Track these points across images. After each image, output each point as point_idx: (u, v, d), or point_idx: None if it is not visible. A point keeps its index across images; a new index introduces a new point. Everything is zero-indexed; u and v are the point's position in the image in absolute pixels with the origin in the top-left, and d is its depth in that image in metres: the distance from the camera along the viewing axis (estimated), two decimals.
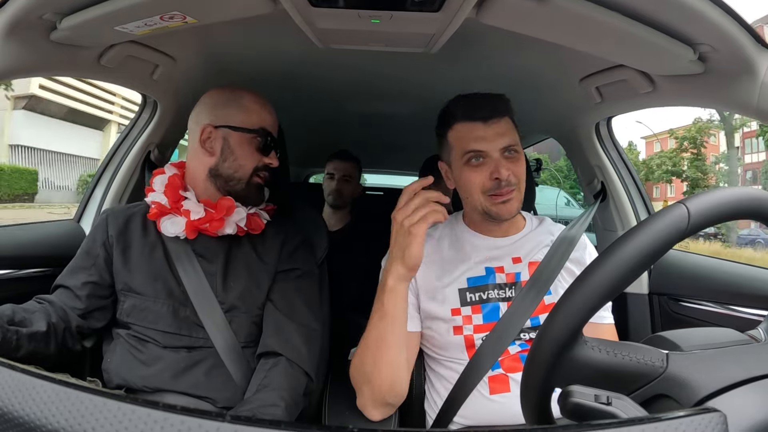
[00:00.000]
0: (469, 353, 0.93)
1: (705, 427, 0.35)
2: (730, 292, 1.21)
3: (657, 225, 0.45)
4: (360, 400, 0.90)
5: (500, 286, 0.96)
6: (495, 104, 0.95)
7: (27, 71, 0.92)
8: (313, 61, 1.23)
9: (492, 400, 0.90)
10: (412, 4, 0.79)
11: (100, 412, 0.35)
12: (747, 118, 17.18)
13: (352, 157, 2.16)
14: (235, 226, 1.01)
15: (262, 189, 1.05)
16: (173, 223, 0.99)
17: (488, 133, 0.93)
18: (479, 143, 0.93)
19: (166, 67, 1.18)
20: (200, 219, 0.98)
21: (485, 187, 0.93)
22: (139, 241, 1.02)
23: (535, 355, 0.47)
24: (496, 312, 0.95)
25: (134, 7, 0.79)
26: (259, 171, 1.03)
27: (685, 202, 0.45)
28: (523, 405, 0.50)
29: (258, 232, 1.05)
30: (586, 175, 1.55)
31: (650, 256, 0.44)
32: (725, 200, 0.46)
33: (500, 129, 0.94)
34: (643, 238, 0.44)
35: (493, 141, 0.93)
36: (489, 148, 0.92)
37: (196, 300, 0.97)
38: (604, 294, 0.45)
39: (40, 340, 0.87)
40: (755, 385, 0.41)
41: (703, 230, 0.46)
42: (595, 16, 0.74)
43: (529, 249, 1.00)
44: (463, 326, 0.94)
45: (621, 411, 0.43)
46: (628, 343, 0.48)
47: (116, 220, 1.04)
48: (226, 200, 1.00)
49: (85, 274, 1.00)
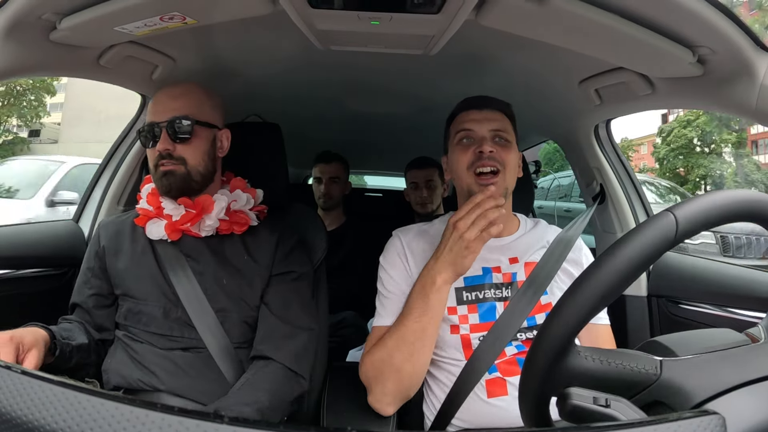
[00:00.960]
0: (466, 353, 0.94)
1: (704, 429, 0.35)
2: (729, 295, 1.21)
3: (644, 236, 0.44)
4: (376, 396, 0.91)
5: (497, 285, 0.97)
6: (494, 100, 1.02)
7: (26, 71, 0.92)
8: (312, 62, 1.23)
9: (490, 404, 0.90)
10: (411, 6, 0.79)
11: (98, 413, 0.35)
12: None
13: (336, 158, 2.14)
14: (216, 221, 1.01)
15: (169, 176, 0.99)
16: (157, 226, 1.01)
17: (479, 116, 0.99)
18: (469, 123, 0.99)
19: (165, 68, 1.18)
20: (180, 219, 1.00)
21: (469, 162, 0.97)
22: (130, 247, 1.04)
23: (530, 365, 0.47)
24: (493, 312, 0.95)
25: (134, 7, 0.79)
26: (162, 159, 0.98)
27: (672, 210, 0.45)
28: (522, 409, 0.50)
29: (244, 228, 1.05)
30: (585, 177, 1.55)
31: (639, 266, 0.44)
32: (713, 204, 0.45)
33: (491, 116, 1.00)
34: (629, 251, 0.44)
35: (481, 123, 0.98)
36: (477, 128, 0.98)
37: (187, 301, 0.97)
38: (595, 304, 0.45)
39: (84, 351, 0.96)
40: (754, 388, 0.41)
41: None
42: (595, 19, 0.74)
43: (524, 250, 1.01)
44: (459, 325, 0.95)
45: (619, 413, 0.43)
46: (622, 351, 0.48)
47: (107, 230, 1.07)
48: (204, 198, 1.01)
49: (87, 287, 1.04)
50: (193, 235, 1.02)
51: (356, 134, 2.22)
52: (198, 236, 1.02)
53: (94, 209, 1.41)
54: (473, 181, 0.96)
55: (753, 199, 0.46)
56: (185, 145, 0.99)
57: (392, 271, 1.00)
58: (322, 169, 2.11)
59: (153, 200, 1.03)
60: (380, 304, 1.00)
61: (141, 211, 1.04)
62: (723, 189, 0.48)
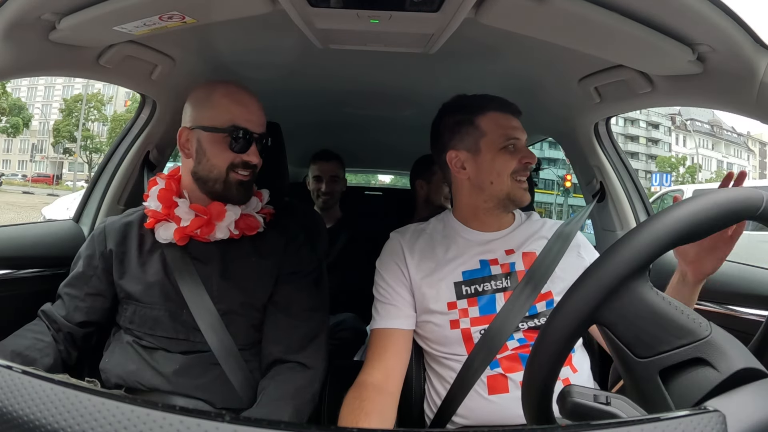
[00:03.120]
0: (468, 347, 0.94)
1: (704, 427, 0.35)
2: (730, 293, 1.21)
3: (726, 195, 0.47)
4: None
5: (495, 277, 0.98)
6: (516, 107, 1.04)
7: (26, 71, 0.92)
8: (312, 61, 1.23)
9: (490, 401, 0.91)
10: (411, 5, 0.79)
11: (98, 412, 0.35)
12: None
13: (334, 156, 2.13)
14: (227, 231, 1.00)
15: (244, 185, 1.00)
16: (165, 229, 1.00)
17: (517, 125, 1.02)
18: (517, 132, 1.01)
19: (164, 67, 1.18)
20: (190, 225, 0.98)
21: (515, 169, 0.99)
22: (137, 250, 1.03)
23: (592, 279, 0.47)
24: (493, 304, 0.96)
25: (133, 7, 0.79)
26: (236, 168, 0.98)
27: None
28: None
29: (254, 232, 1.03)
30: (585, 176, 1.55)
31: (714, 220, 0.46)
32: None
33: (520, 124, 1.03)
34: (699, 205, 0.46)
35: (523, 133, 1.02)
36: (522, 138, 1.02)
37: (193, 304, 0.96)
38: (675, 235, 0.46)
39: (52, 367, 0.95)
40: (755, 385, 0.41)
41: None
42: (594, 17, 0.74)
43: (521, 241, 1.02)
44: (459, 319, 0.96)
45: (620, 411, 0.43)
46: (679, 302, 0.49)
47: (114, 232, 1.05)
48: (217, 206, 0.99)
49: (85, 285, 1.03)
50: (201, 240, 1.00)
51: (355, 133, 2.22)
52: (207, 241, 1.00)
53: (94, 209, 1.41)
54: (516, 187, 0.99)
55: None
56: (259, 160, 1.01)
57: (387, 275, 1.01)
58: (322, 167, 2.10)
59: (165, 198, 1.00)
60: (375, 309, 1.01)
61: (150, 213, 1.02)
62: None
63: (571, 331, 0.46)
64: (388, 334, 0.98)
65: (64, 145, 34.59)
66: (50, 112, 41.80)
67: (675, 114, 42.17)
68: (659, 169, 36.86)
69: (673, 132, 43.13)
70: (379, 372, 0.93)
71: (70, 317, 1.01)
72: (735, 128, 45.21)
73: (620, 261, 0.45)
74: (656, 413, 0.40)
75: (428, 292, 0.98)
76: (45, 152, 41.37)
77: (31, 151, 40.45)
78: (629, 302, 0.46)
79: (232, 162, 0.98)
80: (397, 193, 3.39)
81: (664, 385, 0.45)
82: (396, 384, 0.94)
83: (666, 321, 0.46)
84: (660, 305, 0.46)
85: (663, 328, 0.45)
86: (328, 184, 2.08)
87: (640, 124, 42.54)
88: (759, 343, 0.54)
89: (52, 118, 40.03)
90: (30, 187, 30.97)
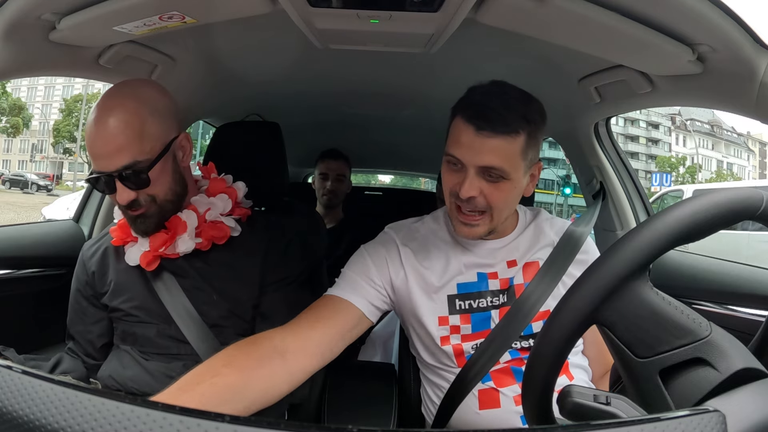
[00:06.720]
0: (459, 362, 0.89)
1: (704, 427, 0.35)
2: (730, 293, 1.21)
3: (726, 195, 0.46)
4: None
5: (493, 293, 0.90)
6: (505, 117, 0.80)
7: (26, 71, 0.92)
8: (312, 61, 1.23)
9: (481, 416, 0.86)
10: (411, 4, 0.79)
11: (98, 412, 0.35)
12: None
13: (342, 155, 2.14)
14: (190, 242, 0.94)
15: (145, 218, 0.92)
16: (133, 251, 0.95)
17: (474, 143, 0.80)
18: (458, 149, 0.81)
19: (165, 67, 1.18)
20: (152, 246, 0.93)
21: (452, 192, 0.85)
22: (116, 269, 1.00)
23: (592, 278, 0.47)
24: (487, 321, 0.89)
25: (133, 7, 0.79)
26: (123, 208, 0.91)
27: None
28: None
29: (224, 241, 0.98)
30: (585, 176, 1.55)
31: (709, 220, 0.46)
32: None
33: (490, 146, 0.79)
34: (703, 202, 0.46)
35: (472, 155, 0.80)
36: (465, 159, 0.81)
37: (179, 318, 0.94)
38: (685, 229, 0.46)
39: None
40: (755, 385, 0.41)
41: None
42: (594, 16, 0.74)
43: (525, 249, 0.93)
44: (450, 336, 0.89)
45: (620, 411, 0.43)
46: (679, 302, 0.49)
47: (90, 255, 1.03)
48: (173, 219, 0.95)
49: (86, 317, 1.03)
50: (172, 257, 0.96)
51: (356, 133, 2.22)
52: (177, 256, 0.96)
53: (94, 209, 1.41)
54: (454, 216, 0.86)
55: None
56: (148, 188, 0.89)
57: (372, 260, 0.91)
58: (329, 165, 2.10)
59: (125, 228, 0.97)
60: (341, 277, 0.91)
61: (114, 233, 0.98)
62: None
63: (572, 330, 0.46)
64: (338, 304, 0.85)
65: (64, 145, 34.73)
66: (50, 112, 41.92)
67: (675, 114, 42.22)
68: (659, 169, 36.90)
69: (673, 132, 43.15)
70: (296, 340, 0.78)
71: (89, 353, 1.02)
72: (735, 128, 45.17)
73: (620, 261, 0.45)
74: (656, 413, 0.40)
75: (419, 300, 0.90)
76: (45, 152, 41.44)
77: (31, 151, 40.59)
78: (629, 302, 0.46)
79: (117, 203, 0.91)
80: (398, 193, 3.39)
81: (664, 385, 0.45)
82: (305, 363, 0.78)
83: (666, 321, 0.46)
84: (660, 305, 0.46)
85: (663, 328, 0.45)
86: (333, 183, 2.08)
87: (640, 124, 42.59)
88: (759, 343, 0.53)
89: (52, 118, 40.18)
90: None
